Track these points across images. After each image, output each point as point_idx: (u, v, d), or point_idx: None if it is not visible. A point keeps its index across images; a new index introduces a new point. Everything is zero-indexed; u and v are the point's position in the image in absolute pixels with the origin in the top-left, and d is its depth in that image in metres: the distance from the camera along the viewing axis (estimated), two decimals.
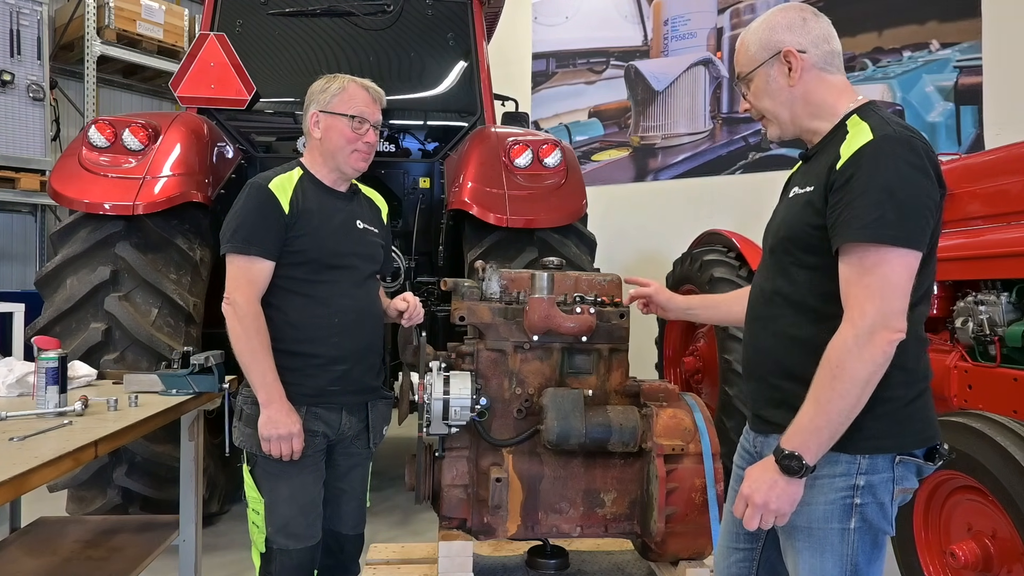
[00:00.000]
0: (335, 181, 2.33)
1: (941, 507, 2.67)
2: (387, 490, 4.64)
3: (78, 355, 3.25)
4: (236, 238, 2.15)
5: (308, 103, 2.32)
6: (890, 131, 1.47)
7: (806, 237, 1.55)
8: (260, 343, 2.11)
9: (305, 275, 2.21)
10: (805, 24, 1.62)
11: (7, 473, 1.53)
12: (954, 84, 6.38)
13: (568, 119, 8.52)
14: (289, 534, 2.16)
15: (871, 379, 1.43)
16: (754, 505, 1.50)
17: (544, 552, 2.85)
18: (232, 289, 2.14)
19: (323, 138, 2.28)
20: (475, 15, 4.90)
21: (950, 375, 3.51)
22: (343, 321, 2.23)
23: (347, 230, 2.30)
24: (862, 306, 1.42)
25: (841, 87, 1.63)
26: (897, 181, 1.42)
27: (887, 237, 1.41)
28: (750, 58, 1.66)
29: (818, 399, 1.45)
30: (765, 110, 1.68)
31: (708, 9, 7.70)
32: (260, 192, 2.19)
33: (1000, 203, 3.56)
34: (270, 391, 2.10)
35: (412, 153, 4.82)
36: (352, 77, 2.34)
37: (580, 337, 2.54)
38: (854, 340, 1.42)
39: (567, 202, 3.94)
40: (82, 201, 3.53)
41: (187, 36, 7.80)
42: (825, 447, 1.47)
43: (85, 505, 3.48)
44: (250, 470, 2.21)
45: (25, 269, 7.20)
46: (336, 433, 2.26)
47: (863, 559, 1.54)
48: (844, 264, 1.47)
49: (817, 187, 1.53)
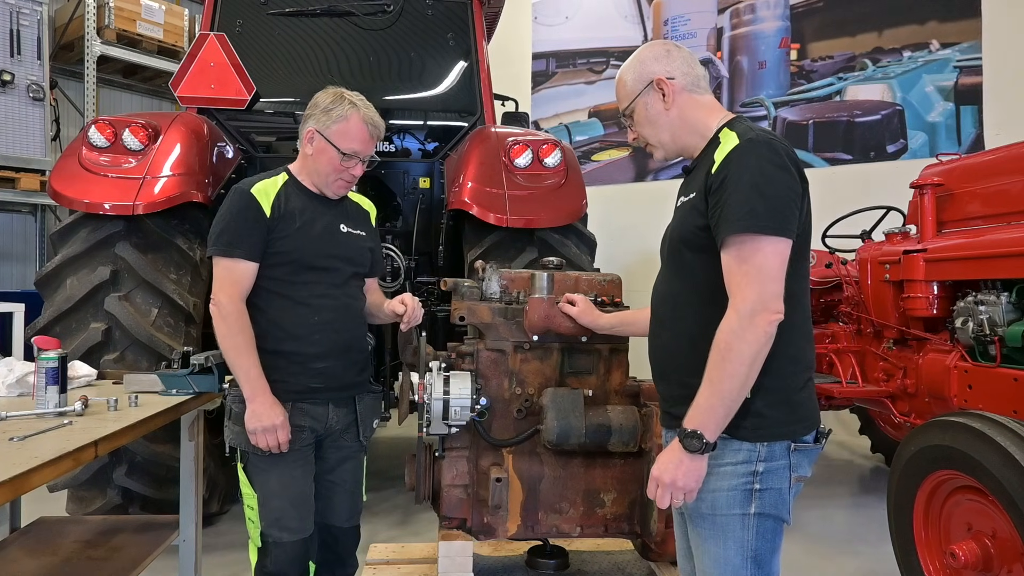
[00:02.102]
0: (320, 189, 2.40)
1: (941, 507, 2.67)
2: (387, 490, 4.64)
3: (78, 355, 3.25)
4: (220, 241, 2.23)
5: (308, 115, 2.35)
6: (753, 135, 1.64)
7: (694, 239, 1.69)
8: (244, 340, 2.18)
9: (286, 276, 2.28)
10: (669, 55, 1.81)
11: (7, 473, 1.53)
12: (954, 84, 6.38)
13: (568, 119, 8.52)
14: (283, 527, 2.23)
15: (757, 358, 1.55)
16: (663, 484, 1.62)
17: (544, 552, 2.85)
18: (217, 290, 2.22)
19: (313, 157, 2.34)
20: (475, 15, 4.90)
21: (950, 375, 3.51)
22: (323, 320, 2.29)
23: (330, 233, 2.35)
24: (743, 292, 1.56)
25: (710, 105, 1.81)
26: (761, 177, 1.58)
27: (758, 227, 1.55)
28: (628, 92, 1.84)
29: (711, 380, 1.57)
30: (649, 136, 1.84)
31: (708, 9, 7.70)
32: (242, 196, 2.27)
33: (1000, 203, 3.57)
34: (254, 386, 2.17)
35: (412, 153, 4.83)
36: (358, 103, 2.34)
37: (580, 337, 2.54)
38: (738, 323, 1.54)
39: (567, 202, 3.94)
40: (82, 201, 3.53)
41: (187, 36, 7.80)
42: (722, 424, 1.58)
43: (85, 505, 3.48)
44: (243, 467, 2.28)
45: (25, 269, 7.20)
46: (323, 427, 2.33)
47: (763, 546, 1.66)
48: (725, 256, 1.60)
49: (698, 192, 1.69)
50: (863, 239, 4.69)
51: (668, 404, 1.80)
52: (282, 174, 2.38)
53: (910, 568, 2.75)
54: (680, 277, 1.75)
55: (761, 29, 7.38)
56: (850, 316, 4.60)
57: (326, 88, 2.39)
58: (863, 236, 4.70)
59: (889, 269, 4.03)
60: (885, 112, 6.69)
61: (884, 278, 4.09)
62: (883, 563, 3.39)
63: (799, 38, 7.12)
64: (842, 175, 6.68)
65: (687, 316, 1.72)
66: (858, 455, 5.82)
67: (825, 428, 1.71)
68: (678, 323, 1.74)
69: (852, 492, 4.94)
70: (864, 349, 4.47)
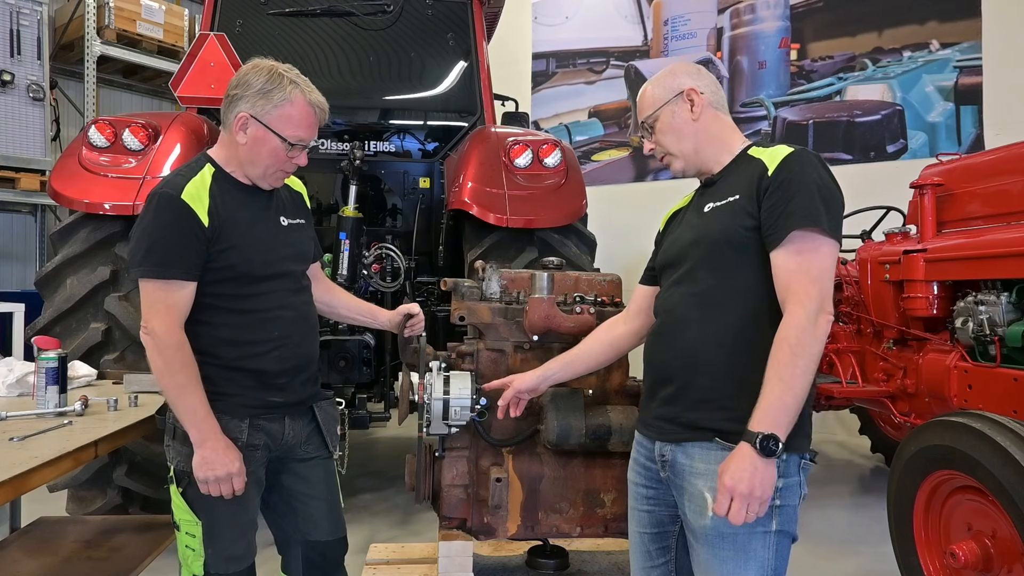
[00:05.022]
0: (254, 180, 2.07)
1: (941, 507, 2.67)
2: (387, 490, 4.65)
3: (78, 355, 3.25)
4: (149, 260, 1.88)
5: (237, 96, 1.96)
6: (799, 147, 1.71)
7: (740, 239, 1.68)
8: (187, 376, 1.87)
9: (235, 290, 1.97)
10: (700, 73, 1.87)
11: (7, 473, 1.53)
12: (954, 84, 6.38)
13: (568, 119, 8.52)
14: (229, 558, 1.98)
15: (819, 357, 1.56)
16: (740, 496, 1.51)
17: (544, 552, 2.85)
18: (149, 317, 1.87)
19: (248, 147, 1.98)
20: (475, 15, 4.90)
21: (950, 375, 3.51)
22: (283, 334, 2.03)
23: (273, 232, 2.07)
24: (807, 291, 1.56)
25: (733, 126, 1.87)
26: (823, 184, 1.64)
27: (823, 226, 1.59)
28: (654, 100, 1.85)
29: (783, 377, 1.53)
30: (670, 145, 1.84)
31: (708, 9, 7.70)
32: (171, 205, 1.89)
33: (1000, 203, 3.57)
34: (202, 429, 1.88)
35: (412, 153, 4.82)
36: (299, 83, 1.99)
37: (580, 337, 2.53)
38: (807, 320, 1.54)
39: (567, 202, 3.94)
40: (82, 201, 3.53)
41: (187, 36, 7.80)
42: (791, 425, 1.54)
43: (85, 505, 3.48)
44: (181, 492, 1.96)
45: (25, 269, 7.20)
46: (278, 444, 2.07)
47: (780, 565, 1.64)
48: (785, 252, 1.60)
49: (744, 195, 1.69)
50: (863, 239, 4.69)
51: (679, 410, 1.71)
52: (206, 167, 2.00)
53: (910, 568, 2.75)
54: (716, 277, 1.71)
55: (761, 29, 7.38)
56: (850, 316, 4.60)
57: (253, 62, 2.00)
58: (863, 236, 4.70)
59: (889, 269, 4.03)
60: (885, 112, 6.69)
61: (884, 278, 4.09)
62: (883, 563, 3.39)
63: (799, 38, 7.12)
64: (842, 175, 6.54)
65: (717, 316, 1.69)
66: (858, 455, 5.82)
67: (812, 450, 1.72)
68: (705, 323, 1.70)
69: (852, 492, 4.94)
70: (864, 349, 4.47)
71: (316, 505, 2.17)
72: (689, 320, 1.73)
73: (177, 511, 1.98)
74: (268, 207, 2.09)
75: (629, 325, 2.08)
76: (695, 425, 1.65)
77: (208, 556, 1.96)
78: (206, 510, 1.95)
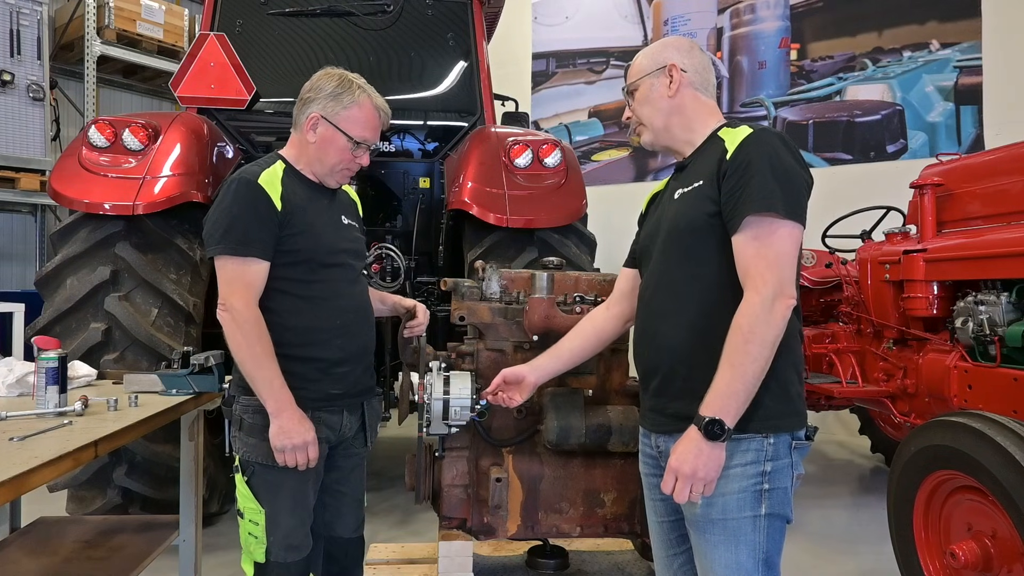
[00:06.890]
0: (320, 179, 2.23)
1: (941, 507, 2.67)
2: (387, 490, 4.65)
3: (78, 355, 3.25)
4: (229, 239, 1.99)
5: (310, 99, 2.14)
6: (763, 128, 1.70)
7: (704, 225, 1.68)
8: (263, 349, 1.97)
9: (301, 275, 2.08)
10: (691, 51, 1.85)
11: (7, 473, 1.53)
12: (954, 84, 6.38)
13: (568, 119, 8.52)
14: (290, 546, 2.07)
15: (775, 342, 1.56)
16: (683, 476, 1.57)
17: (544, 552, 2.85)
18: (228, 294, 1.98)
19: (317, 145, 2.14)
20: (475, 15, 4.90)
21: (950, 375, 3.51)
22: (344, 322, 2.14)
23: (335, 226, 2.21)
24: (763, 276, 1.57)
25: (712, 109, 1.84)
26: (780, 164, 1.62)
27: (779, 209, 1.58)
28: (639, 69, 1.87)
29: (733, 364, 1.55)
30: (643, 116, 1.86)
31: (708, 9, 7.70)
32: (249, 188, 2.03)
33: (1000, 203, 3.56)
34: (279, 399, 1.97)
35: (412, 153, 4.82)
36: (366, 89, 2.18)
37: None
38: (760, 305, 1.55)
39: (567, 202, 3.94)
40: (82, 201, 3.53)
41: (187, 36, 7.80)
42: (741, 411, 1.57)
43: (85, 505, 3.48)
44: (246, 480, 2.07)
45: (25, 269, 7.20)
46: (337, 436, 2.17)
47: (772, 548, 1.65)
48: (741, 237, 1.61)
49: (707, 179, 1.69)
50: (863, 239, 4.68)
51: (666, 401, 1.75)
52: (278, 162, 2.15)
53: (910, 568, 2.75)
54: (683, 266, 1.73)
55: (761, 29, 7.38)
56: (850, 316, 4.60)
57: (325, 70, 2.19)
58: (863, 236, 4.70)
59: (889, 269, 4.02)
60: (885, 112, 6.69)
61: (884, 278, 4.09)
62: (883, 563, 3.39)
63: (799, 38, 7.12)
64: (842, 175, 6.68)
65: (689, 306, 1.70)
66: (858, 455, 5.82)
67: (811, 426, 1.72)
68: (679, 314, 1.71)
69: (852, 492, 4.94)
70: (864, 349, 4.47)
71: (348, 504, 2.28)
72: (665, 312, 1.76)
73: (241, 499, 2.10)
74: (331, 204, 2.23)
75: (611, 310, 2.09)
76: (680, 415, 1.67)
77: (270, 544, 2.06)
78: (269, 499, 2.05)
